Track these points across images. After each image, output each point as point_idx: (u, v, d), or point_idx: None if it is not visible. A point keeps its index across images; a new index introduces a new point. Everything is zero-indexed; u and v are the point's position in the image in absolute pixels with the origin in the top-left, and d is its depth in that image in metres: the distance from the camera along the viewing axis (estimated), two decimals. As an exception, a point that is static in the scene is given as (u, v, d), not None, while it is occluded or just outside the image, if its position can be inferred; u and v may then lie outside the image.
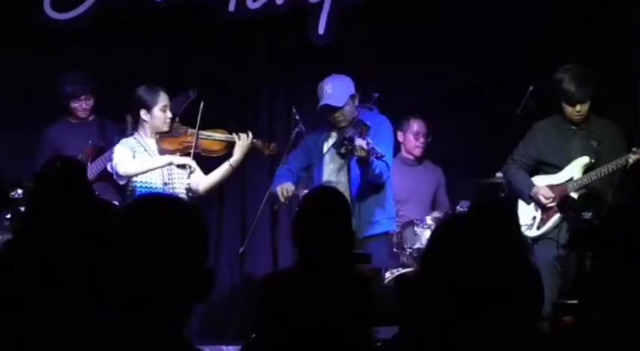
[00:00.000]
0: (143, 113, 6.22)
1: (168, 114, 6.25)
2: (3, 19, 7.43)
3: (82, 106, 6.93)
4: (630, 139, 6.36)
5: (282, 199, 6.14)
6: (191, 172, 6.20)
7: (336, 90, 6.10)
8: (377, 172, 5.94)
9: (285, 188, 6.11)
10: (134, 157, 6.20)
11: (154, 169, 6.16)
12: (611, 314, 2.60)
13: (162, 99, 6.24)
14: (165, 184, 6.18)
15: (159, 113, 6.23)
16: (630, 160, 5.95)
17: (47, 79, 7.21)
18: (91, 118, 7.02)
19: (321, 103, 6.11)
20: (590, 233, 5.24)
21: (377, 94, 6.11)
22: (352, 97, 6.14)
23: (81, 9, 7.44)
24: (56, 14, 7.43)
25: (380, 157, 5.84)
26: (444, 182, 7.52)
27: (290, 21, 7.60)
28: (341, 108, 6.08)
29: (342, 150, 6.01)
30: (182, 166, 6.20)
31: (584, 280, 5.31)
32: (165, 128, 6.25)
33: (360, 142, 5.78)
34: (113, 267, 2.06)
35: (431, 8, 7.50)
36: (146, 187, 6.16)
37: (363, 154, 5.79)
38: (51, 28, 7.45)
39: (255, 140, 6.37)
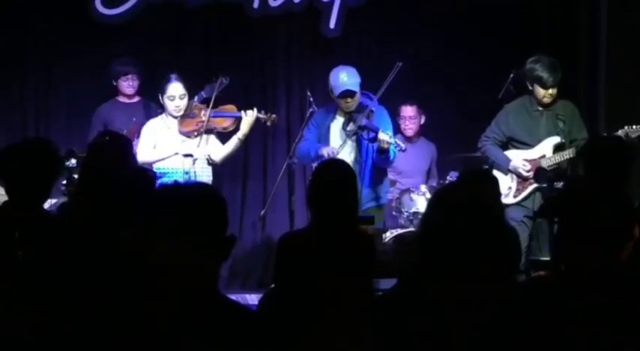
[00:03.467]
0: (160, 98, 6.27)
1: (177, 102, 6.20)
2: (61, 14, 7.45)
3: (129, 83, 6.92)
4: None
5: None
6: (195, 160, 6.09)
7: (351, 78, 6.02)
8: (390, 159, 5.95)
9: (330, 150, 6.02)
10: (156, 136, 6.20)
11: (162, 160, 6.13)
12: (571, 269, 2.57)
13: (171, 90, 6.20)
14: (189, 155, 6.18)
15: (166, 101, 6.23)
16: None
17: (97, 65, 7.22)
18: (136, 99, 7.00)
19: (343, 89, 5.99)
20: (554, 203, 5.26)
21: (400, 63, 6.06)
22: (360, 84, 6.08)
23: (126, 6, 7.41)
24: (105, 10, 7.42)
25: (402, 150, 5.87)
26: (436, 156, 7.49)
27: (305, 16, 7.61)
28: (357, 93, 6.03)
29: (352, 131, 5.95)
30: (188, 155, 6.13)
31: (554, 242, 5.27)
32: (175, 114, 6.22)
33: (383, 136, 5.76)
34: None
35: (427, 8, 7.55)
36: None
37: (386, 146, 5.79)
38: (100, 22, 7.42)
39: (258, 114, 6.30)
